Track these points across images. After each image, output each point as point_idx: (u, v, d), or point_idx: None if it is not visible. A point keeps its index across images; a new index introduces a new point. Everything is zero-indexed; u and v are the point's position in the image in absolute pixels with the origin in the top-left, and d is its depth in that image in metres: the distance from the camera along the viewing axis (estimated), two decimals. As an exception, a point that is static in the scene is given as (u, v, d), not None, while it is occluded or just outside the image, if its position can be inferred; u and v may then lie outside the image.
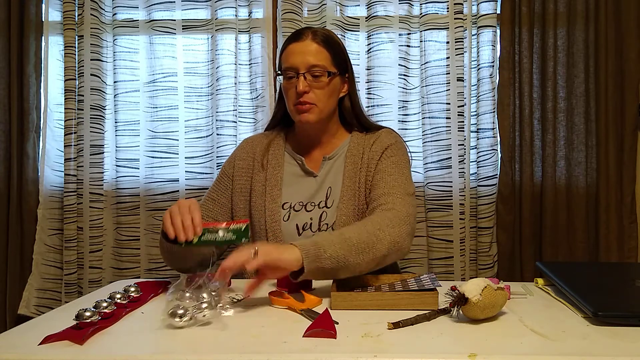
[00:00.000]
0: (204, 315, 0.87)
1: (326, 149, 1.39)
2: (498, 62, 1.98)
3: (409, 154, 1.40)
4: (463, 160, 1.96)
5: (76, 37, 2.02)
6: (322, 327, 0.82)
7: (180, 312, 0.86)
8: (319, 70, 1.29)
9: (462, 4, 1.96)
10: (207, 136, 2.05)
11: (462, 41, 1.97)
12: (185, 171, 2.05)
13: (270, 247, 1.01)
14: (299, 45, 1.30)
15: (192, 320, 0.87)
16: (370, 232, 1.11)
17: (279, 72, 1.34)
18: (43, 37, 2.05)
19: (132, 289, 1.03)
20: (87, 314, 0.84)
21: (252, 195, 1.35)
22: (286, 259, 0.99)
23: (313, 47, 1.30)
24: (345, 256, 1.05)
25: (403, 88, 2.01)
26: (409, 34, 2.01)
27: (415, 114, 2.02)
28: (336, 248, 1.05)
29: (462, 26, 1.97)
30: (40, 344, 0.78)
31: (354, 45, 2.01)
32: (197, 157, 2.05)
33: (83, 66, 2.02)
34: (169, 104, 2.06)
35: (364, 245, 1.09)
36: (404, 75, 2.01)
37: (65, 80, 2.01)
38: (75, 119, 2.01)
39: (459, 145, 1.96)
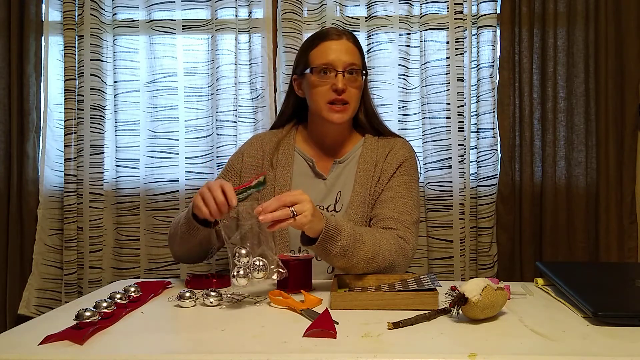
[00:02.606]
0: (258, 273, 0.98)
1: (337, 152, 1.39)
2: (498, 62, 1.98)
3: (419, 168, 1.43)
4: (463, 160, 1.96)
5: (76, 37, 2.02)
6: (322, 327, 0.82)
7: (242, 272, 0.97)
8: (356, 68, 1.30)
9: (462, 4, 1.96)
10: (207, 136, 2.05)
11: (462, 41, 1.97)
12: (185, 171, 2.05)
13: (307, 216, 1.03)
14: (336, 44, 1.32)
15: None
16: (383, 249, 1.16)
17: (308, 69, 1.33)
18: (43, 37, 2.04)
19: (132, 289, 1.03)
20: (87, 314, 0.84)
21: (260, 193, 1.35)
22: (311, 230, 1.07)
23: (350, 46, 1.33)
24: (351, 254, 1.11)
25: (403, 88, 2.01)
26: (409, 34, 2.01)
27: (415, 114, 2.02)
28: (350, 242, 1.10)
29: (462, 26, 1.97)
30: (40, 344, 0.78)
31: (354, 45, 2.01)
32: (197, 157, 2.05)
33: (83, 66, 2.01)
34: (169, 104, 2.06)
35: (370, 255, 1.14)
36: (404, 75, 2.01)
37: (65, 80, 2.01)
38: (75, 119, 2.01)
39: (459, 145, 1.96)
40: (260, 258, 1.02)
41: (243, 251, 1.03)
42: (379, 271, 1.17)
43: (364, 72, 1.36)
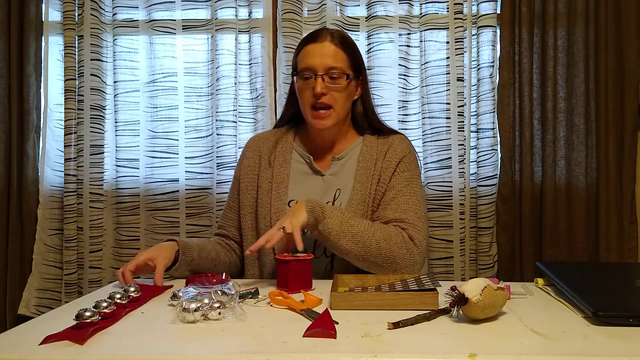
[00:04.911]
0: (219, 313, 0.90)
1: (335, 149, 1.39)
2: (498, 62, 1.98)
3: (419, 162, 1.42)
4: (463, 160, 1.96)
5: (76, 37, 2.02)
6: (322, 327, 0.82)
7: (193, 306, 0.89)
8: (337, 72, 1.29)
9: (462, 4, 1.96)
10: (207, 136, 2.05)
11: (462, 41, 1.97)
12: (185, 171, 2.05)
13: (289, 218, 1.17)
14: (317, 47, 1.30)
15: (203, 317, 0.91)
16: (378, 234, 1.20)
17: (295, 72, 1.34)
18: (43, 37, 2.05)
19: (132, 289, 1.03)
20: (87, 314, 0.84)
21: (258, 192, 1.36)
22: (299, 223, 1.17)
23: (331, 49, 1.30)
24: (348, 230, 1.19)
25: (403, 88, 2.01)
26: (409, 34, 2.01)
27: (415, 114, 2.02)
28: (339, 218, 1.19)
29: (462, 26, 1.97)
30: (40, 344, 0.78)
31: (354, 45, 2.01)
32: (197, 157, 2.05)
33: (83, 66, 2.02)
34: (169, 104, 2.06)
35: (365, 236, 1.20)
36: (404, 75, 2.01)
37: (65, 80, 2.01)
38: (75, 119, 2.01)
39: (459, 145, 1.96)
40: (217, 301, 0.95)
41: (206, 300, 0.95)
42: (381, 262, 1.20)
43: (353, 74, 1.32)
